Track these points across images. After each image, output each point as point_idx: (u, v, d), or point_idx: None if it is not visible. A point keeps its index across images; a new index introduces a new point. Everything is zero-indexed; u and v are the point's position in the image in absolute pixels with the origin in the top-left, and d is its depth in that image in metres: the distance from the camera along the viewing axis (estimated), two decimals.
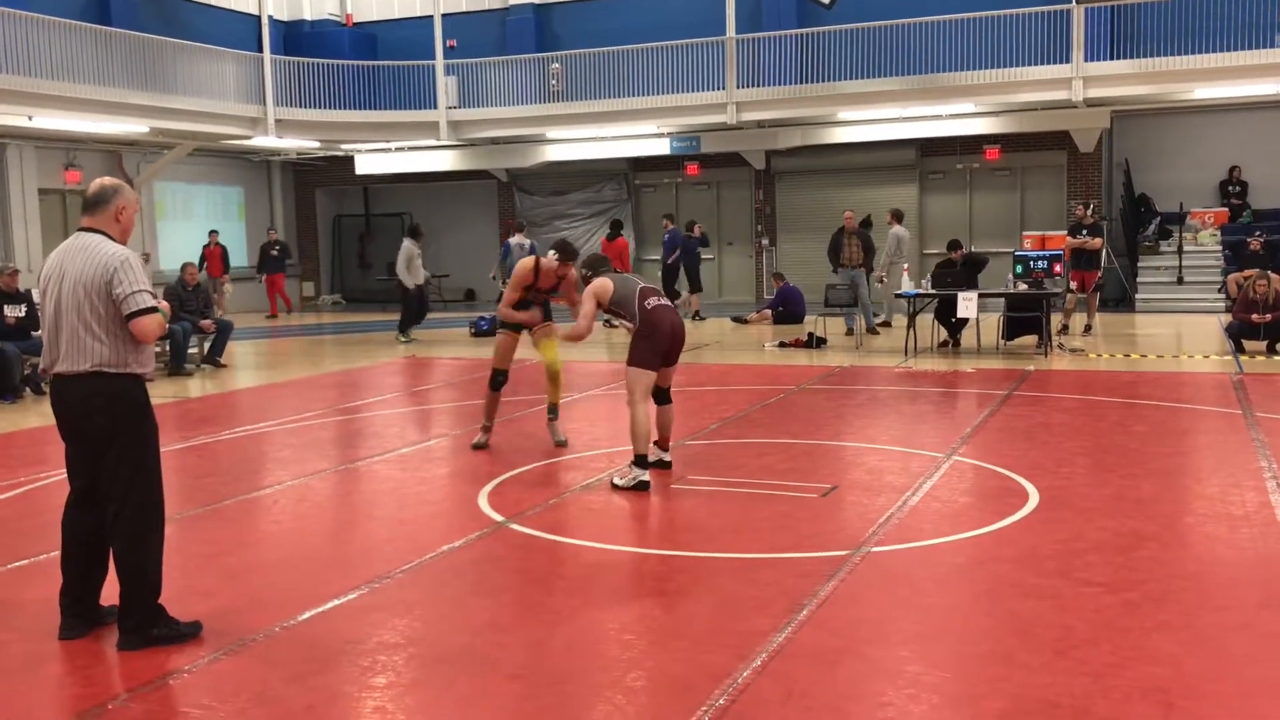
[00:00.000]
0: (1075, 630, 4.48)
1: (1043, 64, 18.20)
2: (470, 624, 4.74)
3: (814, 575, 5.21)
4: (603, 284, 7.37)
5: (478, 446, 8.40)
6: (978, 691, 3.98)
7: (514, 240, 18.65)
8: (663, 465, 7.52)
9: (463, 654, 4.41)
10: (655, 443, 7.45)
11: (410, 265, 17.05)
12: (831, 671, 4.14)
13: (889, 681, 4.06)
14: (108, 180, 4.68)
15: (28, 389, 12.14)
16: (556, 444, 8.49)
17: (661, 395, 7.45)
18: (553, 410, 8.66)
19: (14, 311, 12.33)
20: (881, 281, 16.59)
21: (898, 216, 17.28)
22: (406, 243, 17.33)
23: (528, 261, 8.39)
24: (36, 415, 10.78)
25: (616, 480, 7.13)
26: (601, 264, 7.62)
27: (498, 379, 8.44)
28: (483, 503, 6.83)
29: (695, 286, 20.15)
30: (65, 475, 4.68)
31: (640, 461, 7.04)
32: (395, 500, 7.12)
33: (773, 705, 3.86)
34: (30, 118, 17.31)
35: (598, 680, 4.15)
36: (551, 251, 8.19)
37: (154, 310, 4.47)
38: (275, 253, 23.46)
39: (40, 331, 12.35)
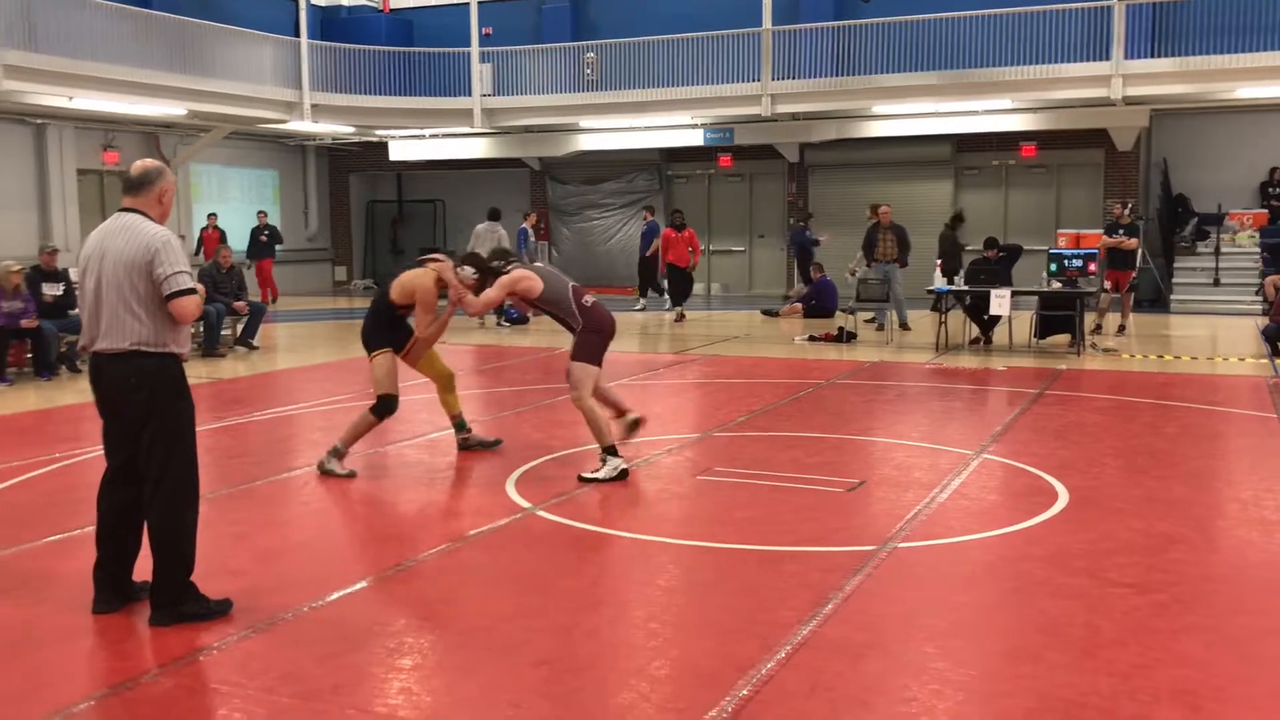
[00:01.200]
0: (1103, 630, 4.46)
1: (1082, 61, 18.03)
2: (496, 609, 4.76)
3: (840, 569, 5.21)
4: (526, 277, 7.15)
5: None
6: (1003, 689, 3.97)
7: (481, 226, 17.92)
8: (637, 424, 7.54)
9: (489, 638, 4.43)
10: (616, 418, 7.48)
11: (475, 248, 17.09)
12: (856, 665, 4.14)
13: (913, 677, 4.06)
14: (150, 162, 4.73)
15: (64, 366, 12.30)
16: (492, 444, 8.04)
17: None
18: (461, 424, 8.00)
19: (52, 290, 12.48)
20: (853, 274, 16.41)
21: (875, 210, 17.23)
22: (482, 226, 17.43)
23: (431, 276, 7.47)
24: (73, 392, 10.92)
25: (588, 474, 6.99)
26: (508, 255, 7.47)
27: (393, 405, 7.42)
28: (510, 489, 6.86)
29: (805, 277, 19.80)
30: (101, 451, 4.74)
31: (611, 450, 7.03)
32: (424, 484, 7.16)
33: (797, 697, 3.86)
34: (71, 98, 17.49)
35: (623, 668, 4.17)
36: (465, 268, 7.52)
37: (193, 291, 4.52)
38: (265, 238, 22.09)
39: (78, 310, 12.52)
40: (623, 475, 7.00)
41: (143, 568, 4.69)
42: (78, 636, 4.49)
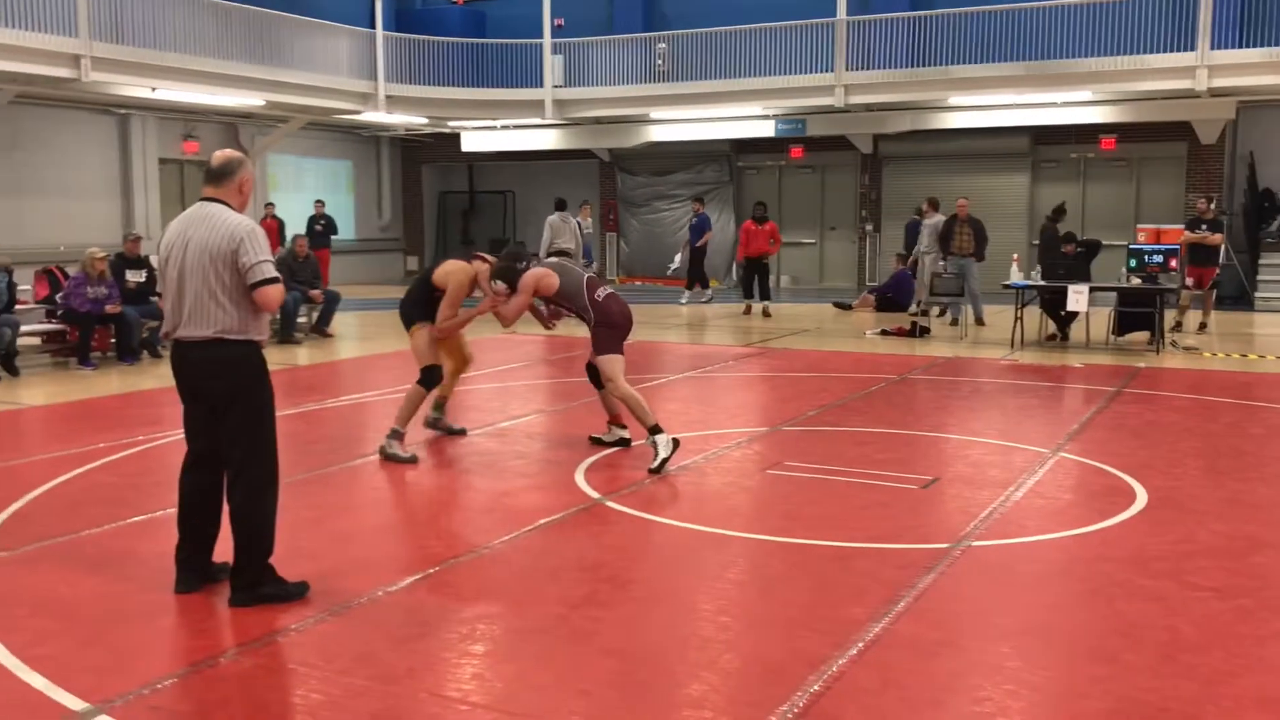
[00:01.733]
0: (1184, 634, 4.36)
1: (1165, 51, 17.59)
2: (567, 598, 4.79)
3: (913, 566, 5.16)
4: (545, 275, 7.31)
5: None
6: (1079, 690, 3.90)
7: (554, 218, 17.86)
8: (624, 443, 7.70)
9: (559, 627, 4.46)
10: (610, 423, 7.72)
11: (553, 238, 17.20)
12: (929, 663, 4.10)
13: (987, 676, 4.01)
14: (231, 152, 4.82)
15: (146, 351, 12.59)
16: (458, 431, 8.25)
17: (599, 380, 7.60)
18: (440, 406, 8.25)
19: (135, 277, 12.79)
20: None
21: (934, 205, 16.94)
22: (554, 217, 17.58)
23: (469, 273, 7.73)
24: (153, 378, 11.18)
25: (655, 466, 7.01)
26: (526, 254, 7.60)
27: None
28: (579, 479, 6.89)
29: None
30: (181, 436, 4.84)
31: (656, 429, 7.11)
32: (494, 472, 7.22)
33: (869, 694, 3.83)
34: (154, 89, 17.88)
35: (692, 660, 4.17)
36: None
37: (278, 280, 4.60)
38: (320, 227, 21.07)
39: (159, 297, 12.73)
40: (675, 446, 7.11)
41: (222, 549, 4.79)
42: (161, 614, 4.60)
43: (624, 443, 7.78)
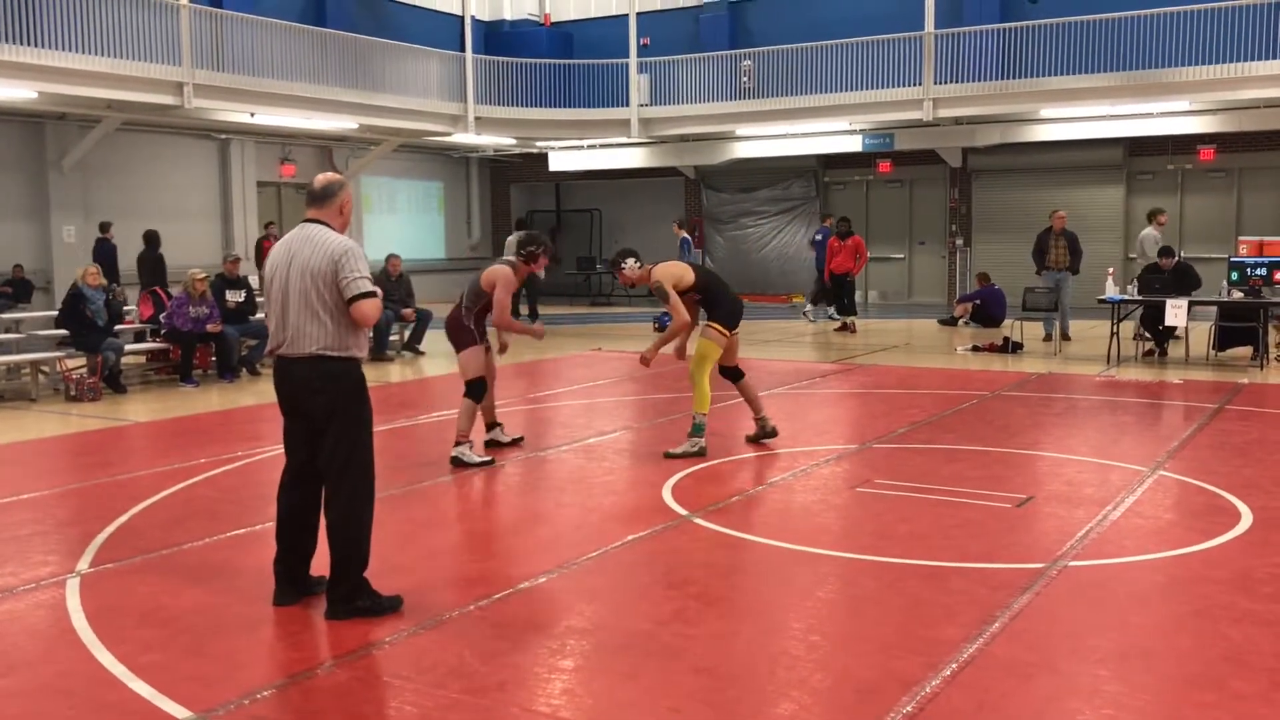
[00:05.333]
0: None
1: (1265, 59, 17.07)
2: (655, 614, 4.80)
3: (1008, 587, 5.06)
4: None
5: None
6: (1183, 716, 3.79)
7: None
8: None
9: (648, 643, 4.47)
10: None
11: None
12: (1025, 686, 4.02)
13: (1086, 700, 3.91)
14: (332, 175, 4.95)
15: (244, 369, 12.94)
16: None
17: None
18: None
19: (234, 297, 13.15)
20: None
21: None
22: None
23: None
24: (252, 394, 11.48)
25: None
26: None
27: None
28: (667, 495, 6.90)
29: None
30: (279, 450, 4.96)
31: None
32: (582, 489, 7.27)
33: (963, 716, 3.77)
34: (253, 114, 18.41)
35: (782, 678, 4.14)
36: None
37: (374, 294, 4.71)
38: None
39: (260, 315, 13.05)
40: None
41: (319, 562, 4.90)
42: (260, 626, 4.72)
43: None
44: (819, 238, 19.58)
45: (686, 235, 19.52)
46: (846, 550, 5.79)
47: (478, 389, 8.01)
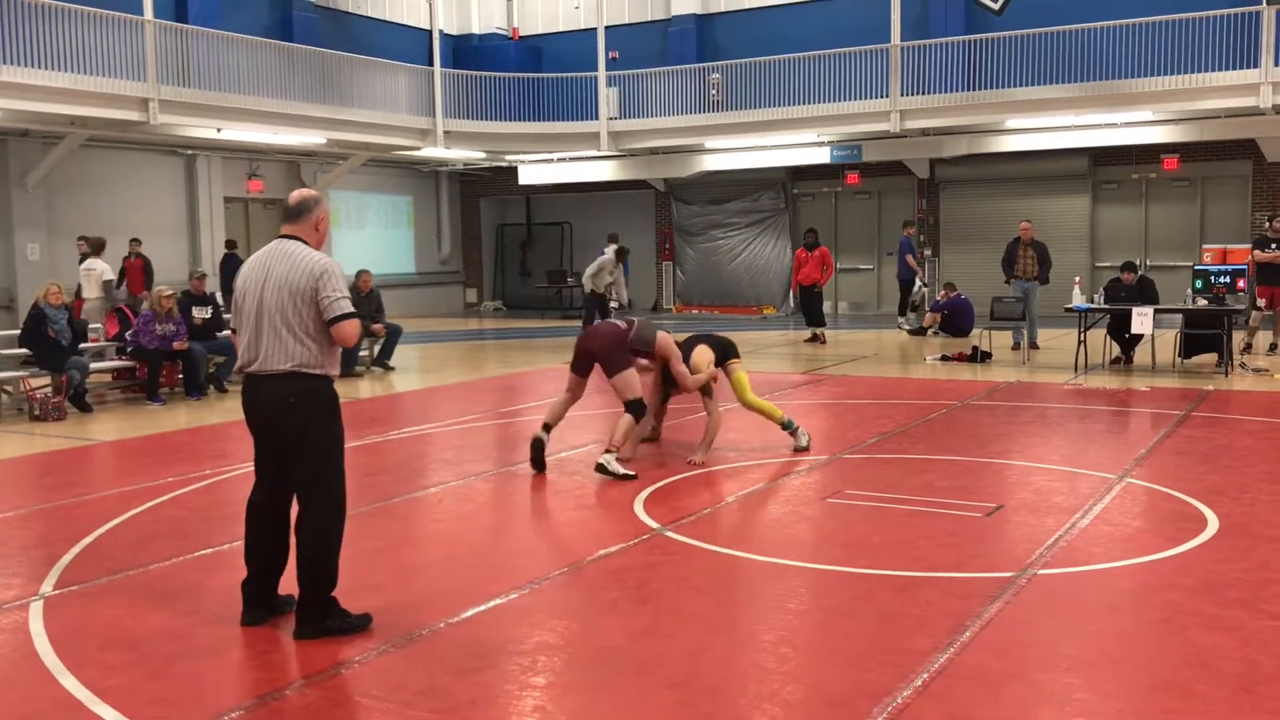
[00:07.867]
0: (1261, 665, 4.25)
1: (1227, 69, 17.32)
2: (628, 629, 4.79)
3: (978, 596, 5.08)
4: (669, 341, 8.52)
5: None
6: None
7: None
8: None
9: (621, 659, 4.45)
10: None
11: (597, 273, 17.79)
12: (996, 695, 4.03)
13: (1057, 708, 3.93)
14: (307, 191, 4.91)
15: (212, 386, 12.82)
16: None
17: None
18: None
19: (201, 313, 13.05)
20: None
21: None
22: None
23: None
24: (219, 412, 11.38)
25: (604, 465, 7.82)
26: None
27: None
28: (639, 509, 6.89)
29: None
30: (247, 469, 4.91)
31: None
32: (554, 504, 7.24)
33: None
34: (219, 130, 18.31)
35: (754, 692, 4.13)
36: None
37: (355, 315, 4.68)
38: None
39: (225, 332, 12.93)
40: (613, 473, 7.74)
41: (287, 581, 4.85)
42: (228, 647, 4.67)
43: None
44: (904, 246, 19.35)
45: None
46: (818, 562, 5.80)
47: (639, 407, 8.11)
